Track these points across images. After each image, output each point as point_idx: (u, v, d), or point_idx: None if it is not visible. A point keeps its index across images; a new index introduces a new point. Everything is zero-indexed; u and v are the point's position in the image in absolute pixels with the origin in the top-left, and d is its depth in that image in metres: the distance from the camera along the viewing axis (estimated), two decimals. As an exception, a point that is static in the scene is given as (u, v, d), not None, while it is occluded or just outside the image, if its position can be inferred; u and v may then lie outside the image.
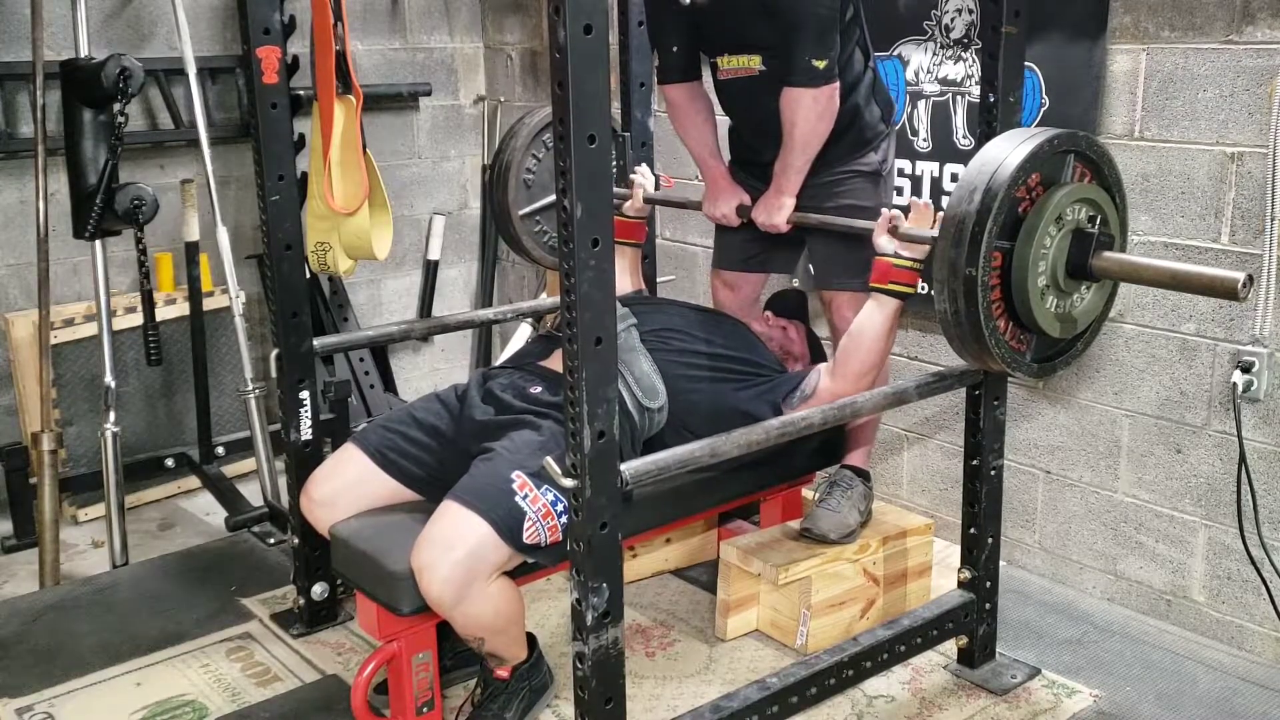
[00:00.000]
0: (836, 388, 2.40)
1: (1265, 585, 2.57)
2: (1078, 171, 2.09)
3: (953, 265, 1.98)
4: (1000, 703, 2.45)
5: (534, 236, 3.10)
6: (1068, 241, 2.05)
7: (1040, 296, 2.04)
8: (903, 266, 2.31)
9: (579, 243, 1.66)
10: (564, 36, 1.58)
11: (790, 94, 2.51)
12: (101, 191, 3.05)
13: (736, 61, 2.65)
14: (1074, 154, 2.07)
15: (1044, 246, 2.01)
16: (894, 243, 2.30)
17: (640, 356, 2.47)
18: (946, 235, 1.99)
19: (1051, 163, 2.04)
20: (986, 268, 1.96)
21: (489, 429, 2.36)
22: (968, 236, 1.95)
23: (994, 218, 1.94)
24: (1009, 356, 2.08)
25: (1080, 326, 2.16)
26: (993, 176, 1.96)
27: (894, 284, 2.32)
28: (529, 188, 3.06)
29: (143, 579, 3.09)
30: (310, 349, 2.67)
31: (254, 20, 2.46)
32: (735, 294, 2.97)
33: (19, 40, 3.45)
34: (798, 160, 2.59)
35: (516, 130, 3.05)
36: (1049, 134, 2.02)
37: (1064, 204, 2.02)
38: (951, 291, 1.99)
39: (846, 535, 2.69)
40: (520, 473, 2.18)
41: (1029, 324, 2.07)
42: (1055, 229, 2.02)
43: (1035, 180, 2.02)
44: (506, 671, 2.32)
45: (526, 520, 2.15)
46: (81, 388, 3.60)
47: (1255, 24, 2.45)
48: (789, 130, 2.56)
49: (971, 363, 2.16)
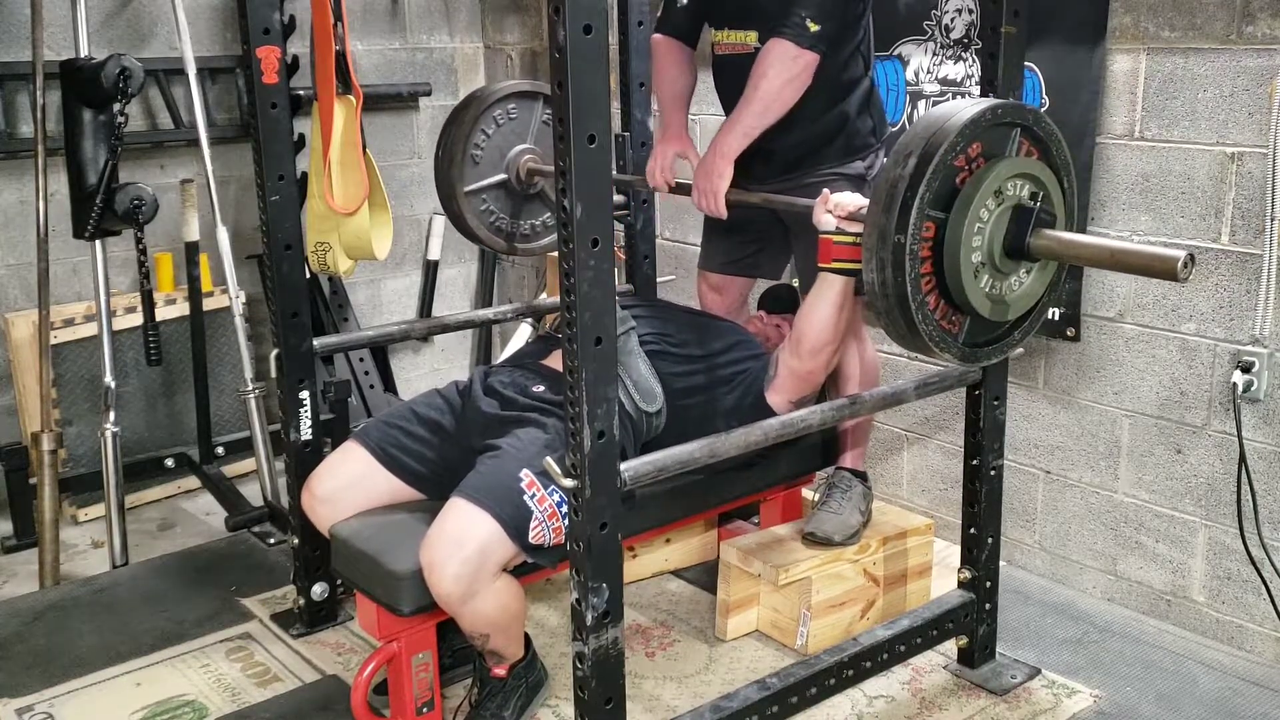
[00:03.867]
0: (795, 365, 2.42)
1: (1265, 585, 2.57)
2: (1023, 147, 1.97)
3: (882, 232, 1.83)
4: (1000, 703, 2.45)
5: (480, 215, 3.02)
6: (1006, 217, 1.90)
7: (974, 274, 1.90)
8: (844, 243, 2.26)
9: (579, 243, 1.66)
10: (564, 36, 1.58)
11: (773, 44, 2.43)
12: (101, 191, 3.05)
13: (734, 37, 2.62)
14: (1020, 128, 1.95)
15: (980, 220, 1.88)
16: (834, 220, 2.26)
17: (639, 360, 2.47)
18: (877, 199, 1.85)
19: (995, 134, 1.91)
20: (917, 237, 1.81)
21: (494, 423, 2.36)
22: (899, 201, 1.80)
23: (927, 183, 1.79)
24: (938, 336, 1.91)
25: (1016, 311, 2.01)
26: (929, 140, 1.83)
27: (837, 261, 2.28)
28: (476, 164, 2.98)
29: (143, 579, 3.09)
30: (310, 349, 2.67)
31: (254, 20, 2.46)
32: (722, 297, 2.96)
33: (19, 40, 3.45)
34: (749, 119, 2.47)
35: (468, 104, 2.98)
36: (992, 104, 1.91)
37: (1004, 176, 1.89)
38: (880, 260, 1.84)
39: (850, 537, 2.69)
40: (528, 471, 2.18)
41: (960, 303, 1.91)
42: (994, 202, 1.89)
43: (976, 150, 1.88)
44: (504, 670, 2.33)
45: (533, 520, 2.15)
46: (81, 388, 3.60)
47: (1255, 24, 2.45)
48: (756, 82, 2.45)
49: (900, 342, 1.99)
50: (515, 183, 3.04)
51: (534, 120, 3.04)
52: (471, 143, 2.95)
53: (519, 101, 3.01)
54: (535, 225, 3.12)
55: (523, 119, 3.02)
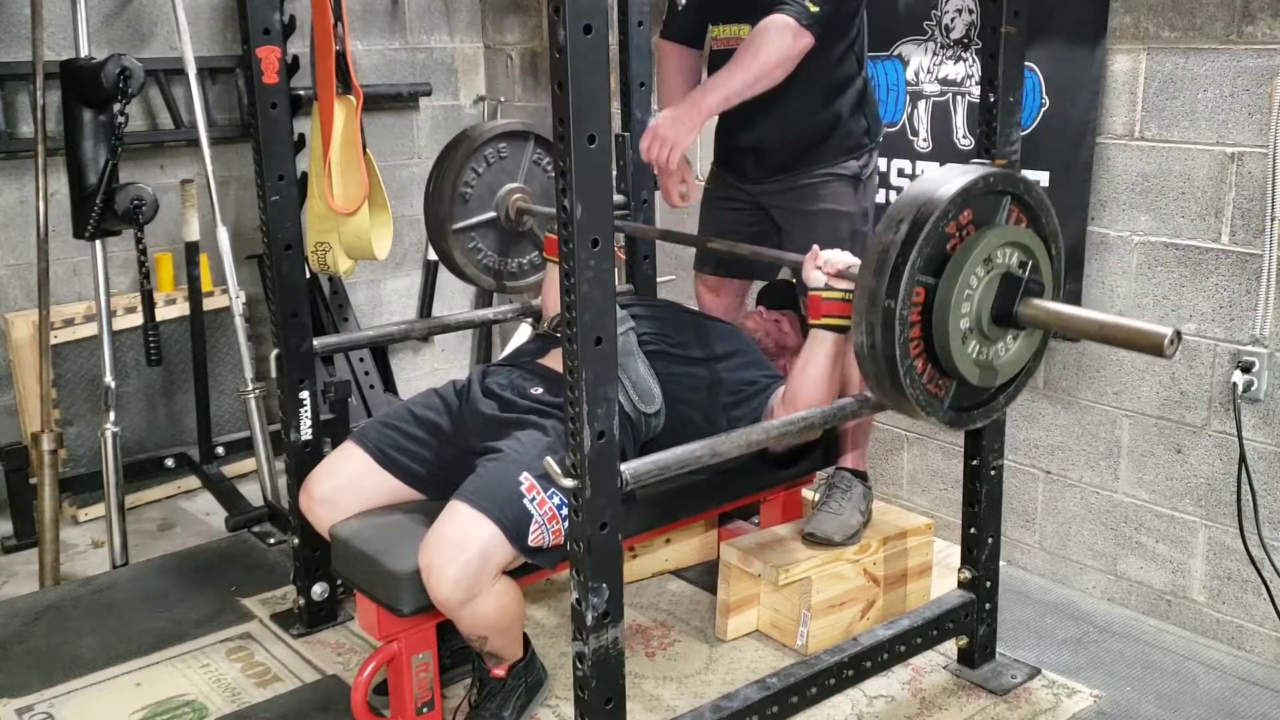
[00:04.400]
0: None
1: (1265, 585, 2.57)
2: (1013, 215, 1.98)
3: (872, 295, 1.85)
4: (1000, 703, 2.45)
5: (468, 253, 3.06)
6: (995, 285, 1.92)
7: (962, 340, 1.92)
8: (833, 299, 2.25)
9: (579, 243, 1.65)
10: (564, 36, 1.58)
11: (773, 18, 2.41)
12: (101, 191, 3.05)
13: (730, 30, 2.62)
14: (1011, 196, 1.96)
15: (969, 287, 1.90)
16: (823, 276, 2.26)
17: (638, 361, 2.46)
18: (868, 264, 1.87)
19: (986, 202, 1.93)
20: (907, 302, 1.84)
21: (492, 425, 2.36)
22: (890, 266, 1.83)
23: (919, 249, 1.82)
24: (924, 400, 1.93)
25: (1003, 377, 2.03)
26: (921, 207, 1.85)
27: (826, 318, 2.27)
28: (466, 202, 3.03)
29: (143, 579, 3.09)
30: (310, 349, 2.67)
31: (254, 20, 2.46)
32: (719, 298, 2.96)
33: (19, 40, 3.45)
34: (737, 85, 2.42)
35: (458, 142, 3.01)
36: (984, 172, 1.93)
37: (994, 245, 1.91)
38: (869, 323, 1.86)
39: (850, 537, 2.69)
40: (528, 475, 2.18)
41: (948, 368, 1.93)
42: (983, 270, 1.91)
43: (967, 218, 1.90)
44: (504, 670, 2.33)
45: (533, 524, 2.15)
46: (81, 388, 3.60)
47: (1255, 24, 2.45)
48: (752, 49, 2.42)
49: (886, 403, 2.02)
50: (504, 221, 3.07)
51: (524, 160, 3.08)
52: (461, 181, 2.99)
53: (510, 141, 3.05)
54: (523, 264, 3.15)
55: (513, 158, 3.07)
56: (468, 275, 3.08)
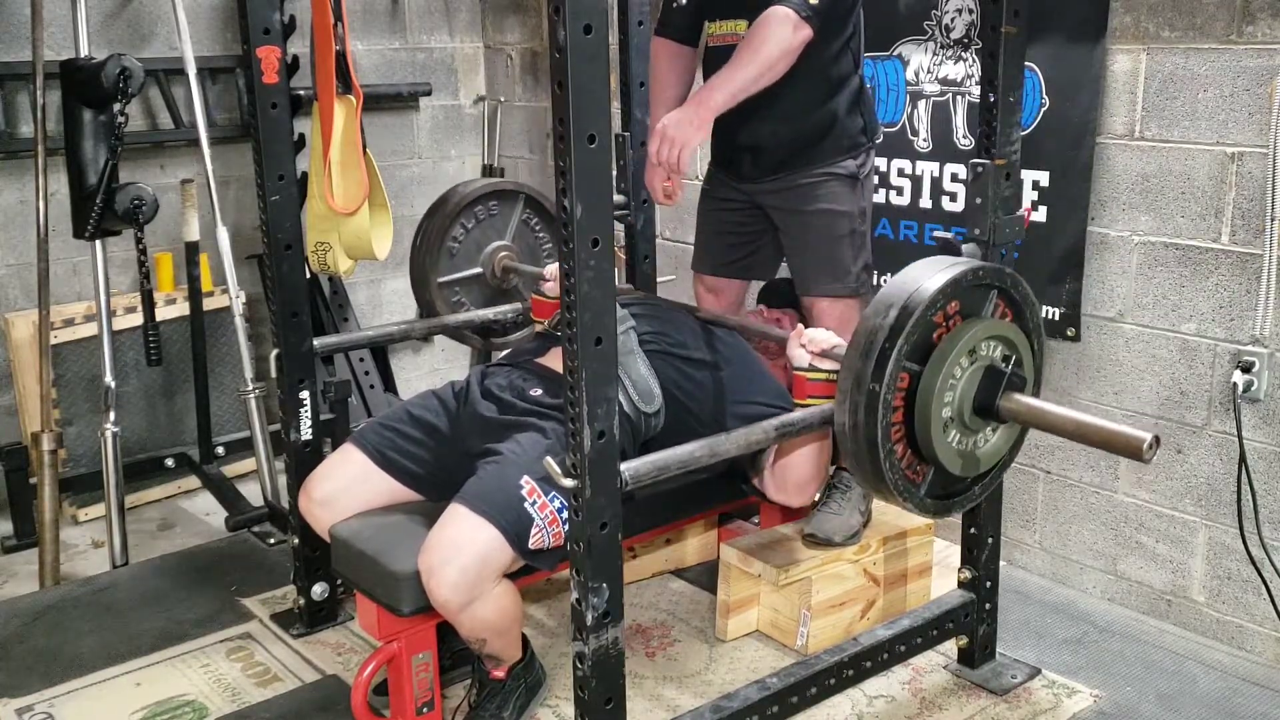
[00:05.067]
0: (782, 499, 2.51)
1: (1265, 585, 2.57)
2: (999, 309, 2.02)
3: (858, 377, 1.88)
4: (1000, 703, 2.45)
5: (451, 307, 3.10)
6: (978, 377, 1.96)
7: (943, 428, 1.95)
8: (818, 380, 2.28)
9: (579, 243, 1.66)
10: (564, 36, 1.58)
11: (774, 10, 2.40)
12: (101, 191, 3.05)
13: (726, 27, 2.62)
14: (998, 290, 2.00)
15: (953, 376, 1.93)
16: (807, 355, 2.28)
17: (638, 360, 2.46)
18: (856, 345, 1.91)
19: (973, 294, 1.97)
20: (891, 387, 1.87)
21: (492, 427, 2.36)
22: (877, 350, 1.87)
23: (906, 336, 1.86)
24: (902, 485, 1.96)
25: (983, 467, 2.05)
26: (911, 295, 1.89)
27: (811, 398, 2.29)
28: (452, 256, 3.07)
29: (143, 579, 3.09)
30: (310, 349, 2.67)
31: (254, 20, 2.46)
32: (718, 299, 2.96)
33: (19, 40, 3.45)
34: (741, 80, 2.40)
35: (448, 197, 3.07)
36: (973, 265, 1.97)
37: (980, 337, 1.95)
38: (854, 404, 1.89)
39: (850, 537, 2.69)
40: (529, 478, 2.17)
41: (928, 455, 1.96)
42: (967, 361, 1.95)
43: (954, 309, 1.94)
44: (503, 671, 2.33)
45: (534, 527, 2.15)
46: (81, 388, 3.60)
47: (1255, 24, 2.45)
48: (754, 45, 2.40)
49: (863, 483, 2.04)
50: (490, 278, 3.11)
51: (513, 218, 3.13)
52: (449, 235, 3.03)
53: (500, 199, 3.09)
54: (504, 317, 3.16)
55: (503, 216, 3.11)
56: (449, 327, 3.11)
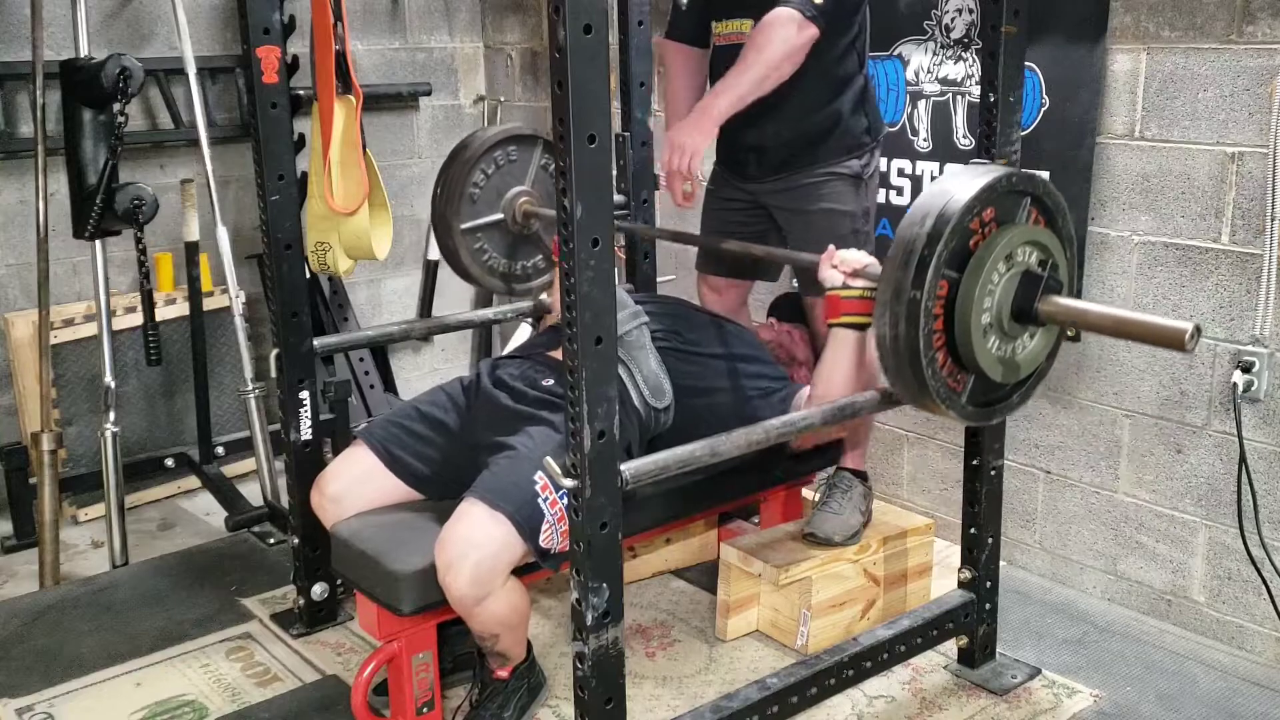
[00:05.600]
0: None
1: (1265, 585, 2.57)
2: (1032, 215, 2.03)
3: (897, 288, 1.89)
4: (1000, 703, 2.45)
5: (474, 254, 3.05)
6: (1016, 282, 1.97)
7: (983, 334, 1.96)
8: (851, 297, 2.27)
9: (579, 242, 1.65)
10: (564, 36, 1.58)
11: (778, 13, 2.40)
12: (101, 191, 3.05)
13: (731, 26, 2.62)
14: (1031, 197, 2.01)
15: (991, 282, 1.94)
16: (840, 275, 2.27)
17: (649, 355, 2.47)
18: (894, 257, 1.91)
19: (1007, 201, 1.98)
20: (932, 294, 1.88)
21: (505, 417, 2.36)
22: (915, 259, 1.87)
23: (944, 243, 1.86)
24: (944, 393, 1.96)
25: (1023, 373, 2.07)
26: (947, 203, 1.89)
27: (846, 315, 2.29)
28: (474, 203, 3.02)
29: (143, 579, 3.09)
30: (310, 349, 2.67)
31: (254, 20, 2.46)
32: (721, 298, 2.96)
33: (19, 40, 3.45)
34: (746, 84, 2.42)
35: (467, 144, 3.02)
36: (1007, 172, 1.97)
37: (1016, 243, 1.96)
38: (894, 314, 1.90)
39: (850, 537, 2.69)
40: (543, 474, 2.17)
41: (968, 362, 1.97)
42: (1004, 266, 1.96)
43: (990, 215, 1.94)
44: (507, 671, 2.33)
45: (545, 524, 2.15)
46: (81, 388, 3.60)
47: (1255, 24, 2.45)
48: (758, 47, 2.41)
49: (906, 395, 2.04)
50: (511, 224, 3.06)
51: (532, 164, 3.08)
52: (470, 182, 2.98)
53: (518, 144, 3.04)
54: (528, 267, 3.14)
55: (521, 161, 3.06)
56: (472, 275, 3.07)
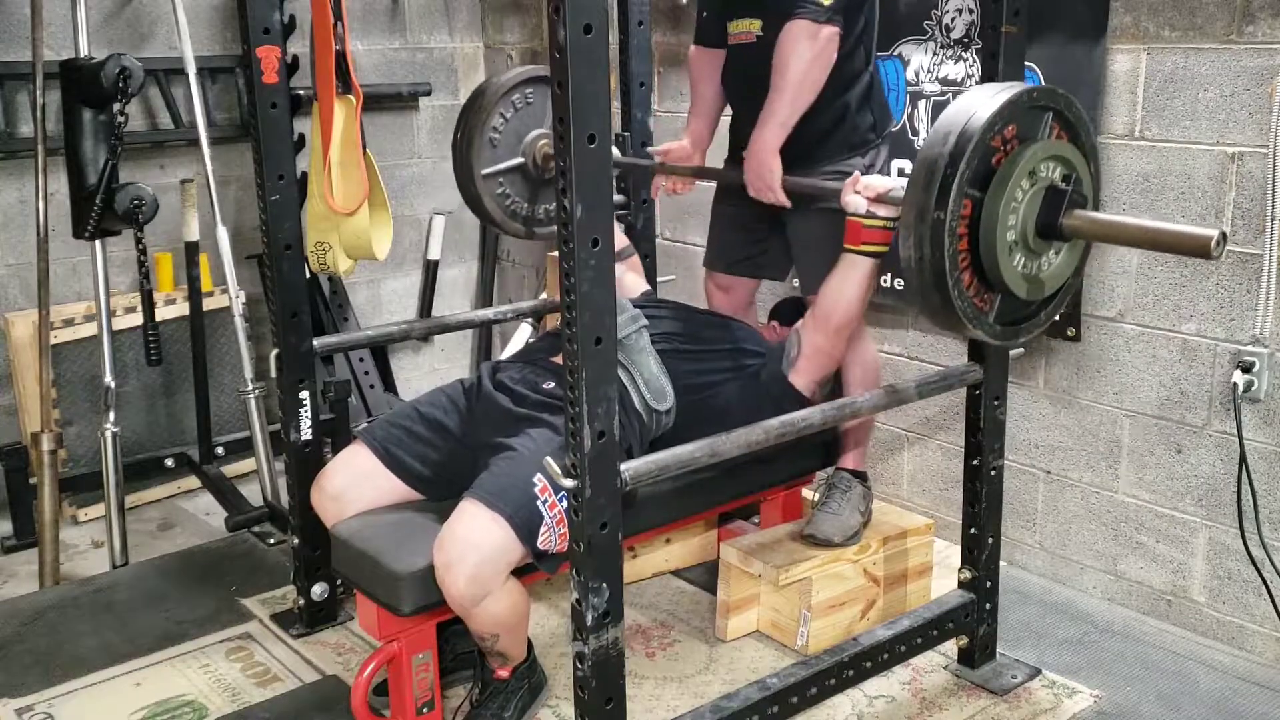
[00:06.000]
0: (820, 341, 2.45)
1: (1265, 585, 2.57)
2: (1054, 130, 2.02)
3: (921, 209, 1.88)
4: (1000, 703, 2.45)
5: (496, 199, 2.99)
6: (1040, 198, 1.96)
7: (1008, 252, 1.96)
8: (874, 226, 2.30)
9: (579, 242, 1.65)
10: (564, 36, 1.58)
11: (789, 27, 2.42)
12: (101, 191, 3.05)
13: (741, 25, 2.63)
14: (1052, 112, 2.01)
15: (1015, 200, 1.94)
16: (863, 202, 2.28)
17: (650, 358, 2.47)
18: (916, 179, 1.90)
19: (1028, 117, 1.97)
20: (955, 214, 1.87)
21: (505, 419, 2.36)
22: (938, 179, 1.86)
23: (966, 162, 1.86)
24: (971, 313, 1.97)
25: (1048, 290, 2.07)
26: (968, 121, 1.89)
27: (866, 244, 2.31)
28: (494, 147, 2.95)
29: (143, 579, 3.09)
30: (310, 349, 2.67)
31: (254, 20, 2.46)
32: (728, 296, 2.96)
33: (19, 40, 3.45)
34: (783, 108, 2.47)
35: (486, 87, 2.96)
36: (1028, 87, 1.97)
37: (1038, 159, 1.95)
38: (918, 236, 1.89)
39: (850, 538, 2.69)
40: (542, 475, 2.17)
41: (994, 281, 1.97)
42: (1028, 183, 1.95)
43: (1011, 132, 1.94)
44: (507, 672, 2.33)
45: (543, 526, 2.15)
46: (81, 388, 3.60)
47: (1255, 24, 2.45)
48: (781, 71, 2.44)
49: (933, 318, 2.04)
50: (532, 167, 3.00)
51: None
52: (489, 126, 2.92)
53: (536, 86, 2.97)
54: (550, 210, 3.07)
55: (539, 104, 2.98)
56: (495, 220, 3.02)
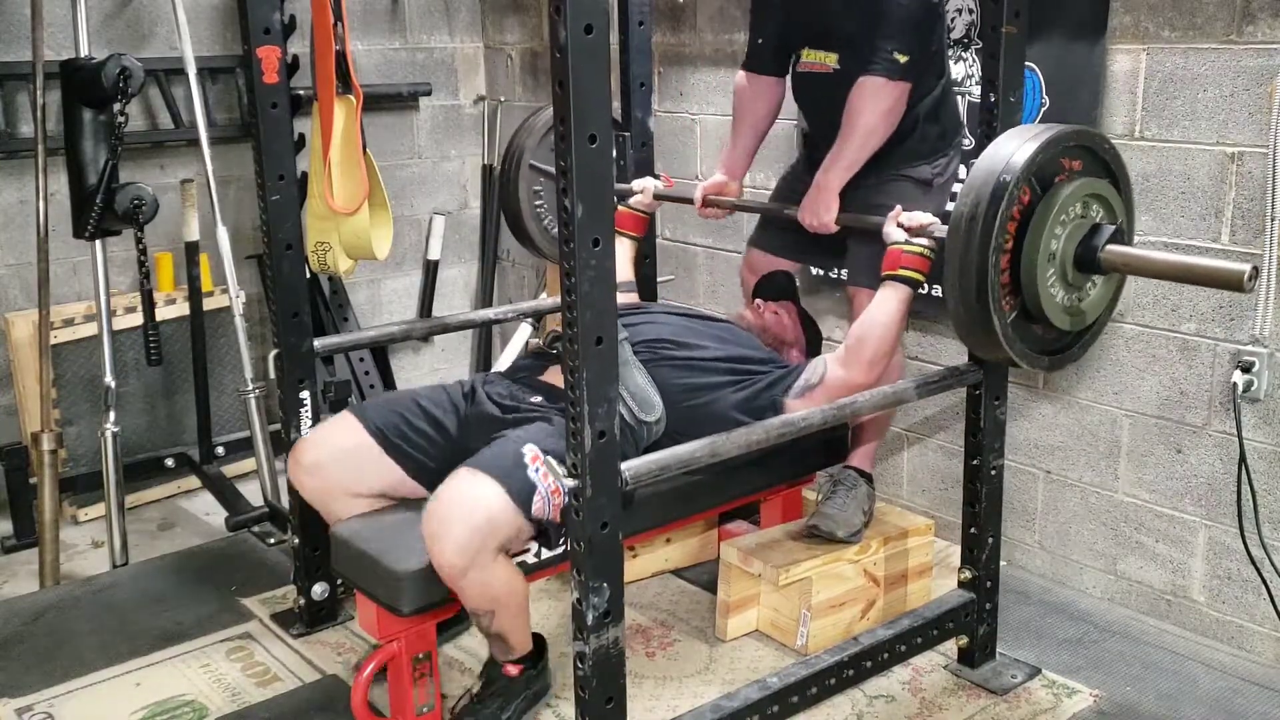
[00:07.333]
0: (849, 376, 2.40)
1: (1265, 585, 2.57)
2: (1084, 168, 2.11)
3: (962, 258, 2.00)
4: (1000, 703, 2.45)
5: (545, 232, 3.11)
6: (1078, 234, 2.07)
7: (1050, 289, 2.06)
8: (912, 252, 2.34)
9: (579, 242, 1.66)
10: (564, 36, 1.59)
11: (864, 82, 2.50)
12: (101, 191, 3.05)
13: (815, 56, 2.67)
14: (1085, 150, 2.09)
15: (1054, 238, 2.04)
16: (903, 234, 2.35)
17: (634, 370, 2.46)
18: (956, 229, 2.01)
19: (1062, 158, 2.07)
20: (996, 259, 1.98)
21: (496, 424, 2.37)
22: (979, 228, 1.98)
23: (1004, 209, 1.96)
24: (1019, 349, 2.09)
25: (1089, 320, 2.18)
26: (1004, 168, 1.98)
27: (904, 270, 2.35)
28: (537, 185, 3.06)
29: (143, 579, 3.09)
30: (310, 349, 2.67)
31: (254, 20, 2.46)
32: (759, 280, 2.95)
33: (19, 40, 3.45)
34: (850, 153, 2.57)
35: (526, 127, 3.05)
36: (1061, 130, 2.04)
37: (1075, 198, 2.05)
38: (963, 287, 2.02)
39: (852, 534, 2.69)
40: (533, 445, 2.18)
41: (1037, 316, 2.08)
42: (1067, 218, 2.05)
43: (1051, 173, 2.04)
44: (517, 670, 2.31)
45: (536, 494, 2.15)
46: (81, 388, 3.60)
47: (1255, 24, 2.45)
48: (851, 119, 2.54)
49: (985, 355, 2.18)
50: None
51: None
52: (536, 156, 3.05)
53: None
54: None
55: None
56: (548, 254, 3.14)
